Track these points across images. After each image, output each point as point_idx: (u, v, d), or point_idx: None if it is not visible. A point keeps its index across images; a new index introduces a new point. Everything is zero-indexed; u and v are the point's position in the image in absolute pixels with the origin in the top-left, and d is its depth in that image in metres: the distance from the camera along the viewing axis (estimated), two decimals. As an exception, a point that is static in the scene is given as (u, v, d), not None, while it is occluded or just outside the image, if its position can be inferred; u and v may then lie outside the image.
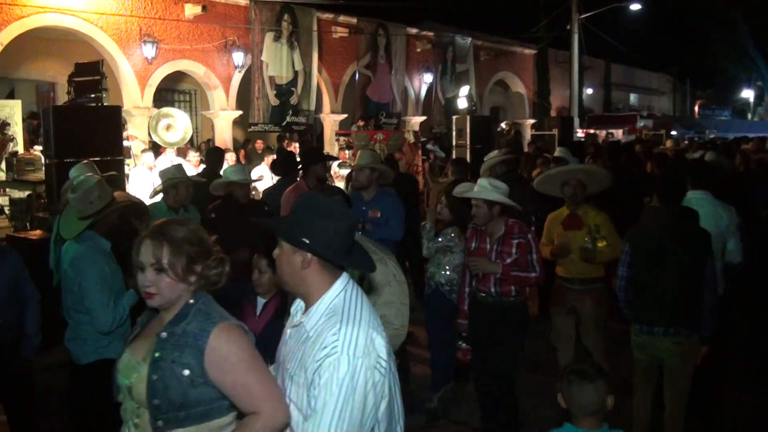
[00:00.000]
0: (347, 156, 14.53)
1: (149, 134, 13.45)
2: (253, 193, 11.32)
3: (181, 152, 13.00)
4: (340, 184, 11.09)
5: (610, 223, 5.66)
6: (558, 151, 9.68)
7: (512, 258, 4.85)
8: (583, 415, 2.96)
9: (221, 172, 6.12)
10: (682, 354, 4.46)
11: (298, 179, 6.76)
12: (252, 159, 14.91)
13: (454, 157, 13.26)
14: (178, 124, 12.73)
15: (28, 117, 13.71)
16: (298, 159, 7.82)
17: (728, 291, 5.29)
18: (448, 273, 5.66)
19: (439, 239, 5.75)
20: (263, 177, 10.97)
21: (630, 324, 4.76)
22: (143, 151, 12.23)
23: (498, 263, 4.84)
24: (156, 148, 12.91)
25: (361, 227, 5.71)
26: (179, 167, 6.32)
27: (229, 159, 12.31)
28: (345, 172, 11.60)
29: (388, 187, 6.88)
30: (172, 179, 5.96)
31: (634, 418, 4.72)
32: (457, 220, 5.65)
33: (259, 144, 16.13)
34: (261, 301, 4.19)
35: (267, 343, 2.89)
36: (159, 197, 6.28)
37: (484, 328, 5.05)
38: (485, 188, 4.98)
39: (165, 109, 13.55)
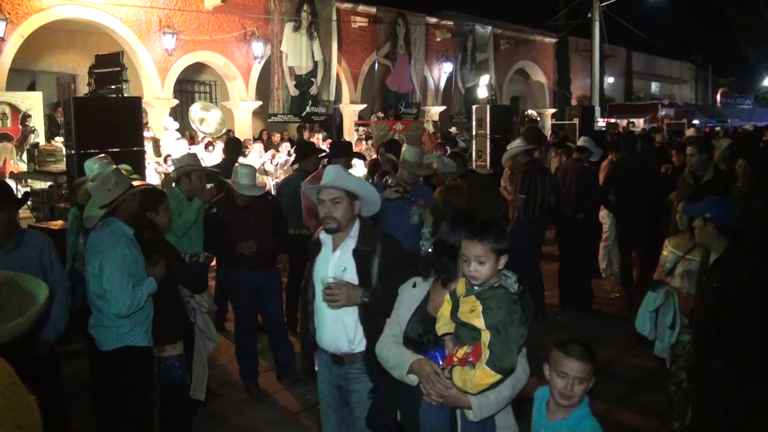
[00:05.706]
0: (363, 147, 14.48)
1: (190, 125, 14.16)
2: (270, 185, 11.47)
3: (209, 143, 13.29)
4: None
5: None
6: (581, 141, 9.51)
7: None
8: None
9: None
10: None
11: (321, 167, 6.68)
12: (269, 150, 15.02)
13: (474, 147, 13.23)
14: (211, 118, 13.66)
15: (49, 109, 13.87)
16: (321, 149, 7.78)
17: None
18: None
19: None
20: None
21: None
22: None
23: None
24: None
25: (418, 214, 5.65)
26: (194, 156, 6.28)
27: (255, 149, 12.42)
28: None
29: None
30: (186, 167, 5.93)
31: None
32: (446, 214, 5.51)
33: (276, 137, 16.16)
34: None
35: None
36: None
37: None
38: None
39: (201, 104, 14.65)
